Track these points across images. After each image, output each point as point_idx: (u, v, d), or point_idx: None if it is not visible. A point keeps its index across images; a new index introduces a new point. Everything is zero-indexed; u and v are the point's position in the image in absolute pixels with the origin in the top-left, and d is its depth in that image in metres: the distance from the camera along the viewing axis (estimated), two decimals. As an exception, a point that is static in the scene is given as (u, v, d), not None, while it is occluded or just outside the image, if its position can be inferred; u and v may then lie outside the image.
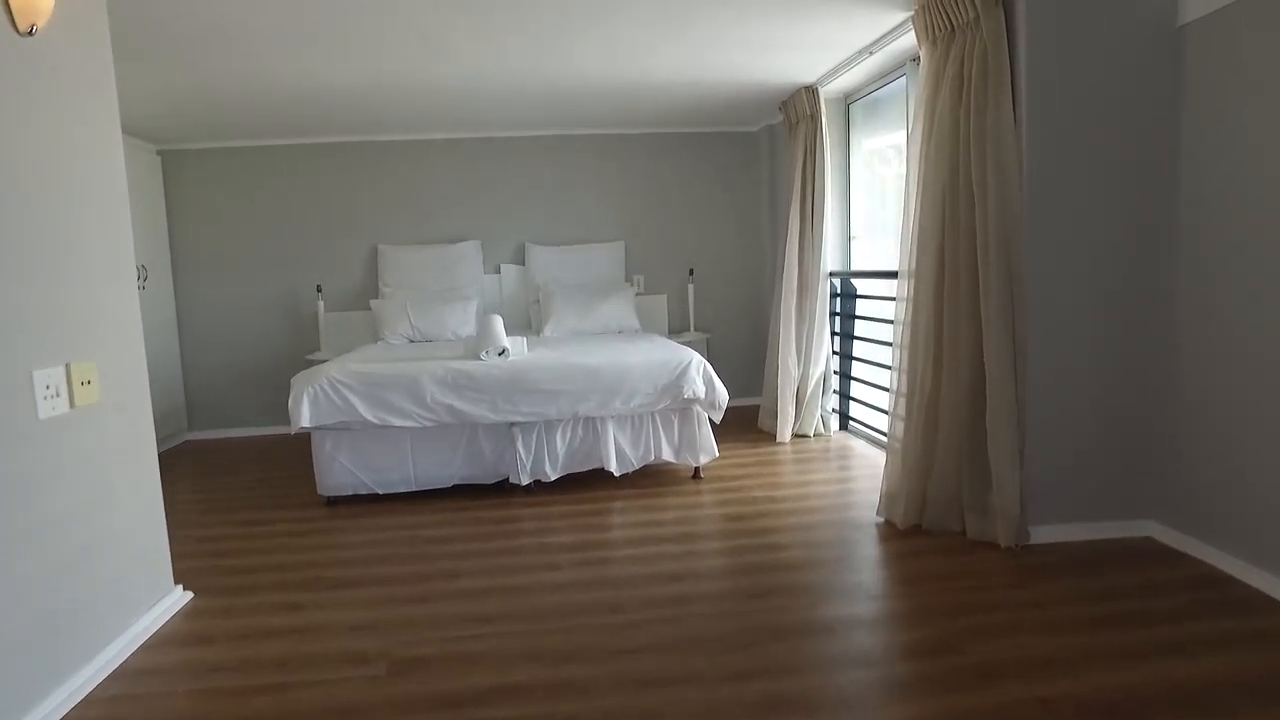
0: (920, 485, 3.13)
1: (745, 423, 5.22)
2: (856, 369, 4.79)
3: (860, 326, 4.73)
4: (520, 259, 5.80)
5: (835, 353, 4.87)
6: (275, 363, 5.64)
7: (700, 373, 3.85)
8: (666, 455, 3.97)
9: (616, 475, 3.91)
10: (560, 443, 3.88)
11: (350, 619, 2.55)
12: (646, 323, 5.72)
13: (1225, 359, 2.62)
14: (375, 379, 3.70)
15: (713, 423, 4.03)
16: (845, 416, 4.93)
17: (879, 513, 3.30)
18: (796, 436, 4.83)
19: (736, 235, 5.95)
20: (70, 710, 2.04)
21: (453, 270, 5.62)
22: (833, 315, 4.83)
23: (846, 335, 4.82)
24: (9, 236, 1.97)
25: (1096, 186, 2.83)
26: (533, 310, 5.60)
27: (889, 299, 4.18)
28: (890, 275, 4.09)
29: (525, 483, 3.84)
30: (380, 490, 3.84)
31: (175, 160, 5.47)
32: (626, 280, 5.81)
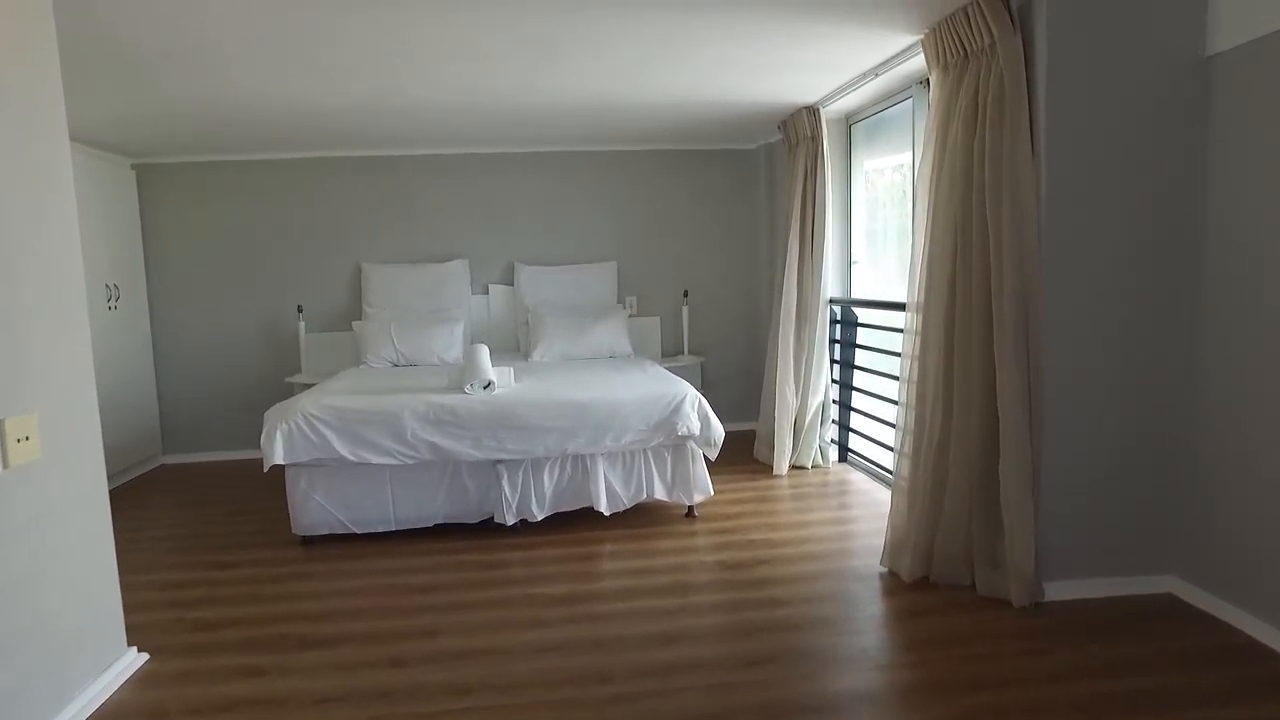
0: (927, 536, 2.96)
1: (741, 450, 5.05)
2: (856, 399, 4.62)
3: (861, 356, 4.56)
4: (509, 279, 5.62)
5: (835, 381, 4.70)
6: (254, 385, 5.43)
7: (695, 408, 3.67)
8: (659, 494, 3.79)
9: (607, 515, 3.73)
10: (548, 481, 3.69)
11: (318, 688, 2.36)
12: (640, 346, 5.54)
13: (1254, 407, 2.46)
14: (353, 415, 3.51)
15: (708, 459, 3.85)
16: (844, 448, 4.76)
17: (883, 562, 3.13)
18: (794, 468, 4.65)
19: (733, 256, 5.78)
20: (-1, 808, 1.85)
21: (439, 290, 5.43)
22: (832, 343, 4.66)
23: (846, 364, 4.65)
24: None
25: (1119, 226, 2.67)
26: (521, 332, 5.41)
27: (893, 330, 4.01)
28: (895, 307, 3.93)
29: (511, 523, 3.65)
30: (358, 530, 3.65)
31: (150, 174, 5.27)
32: (619, 302, 5.63)
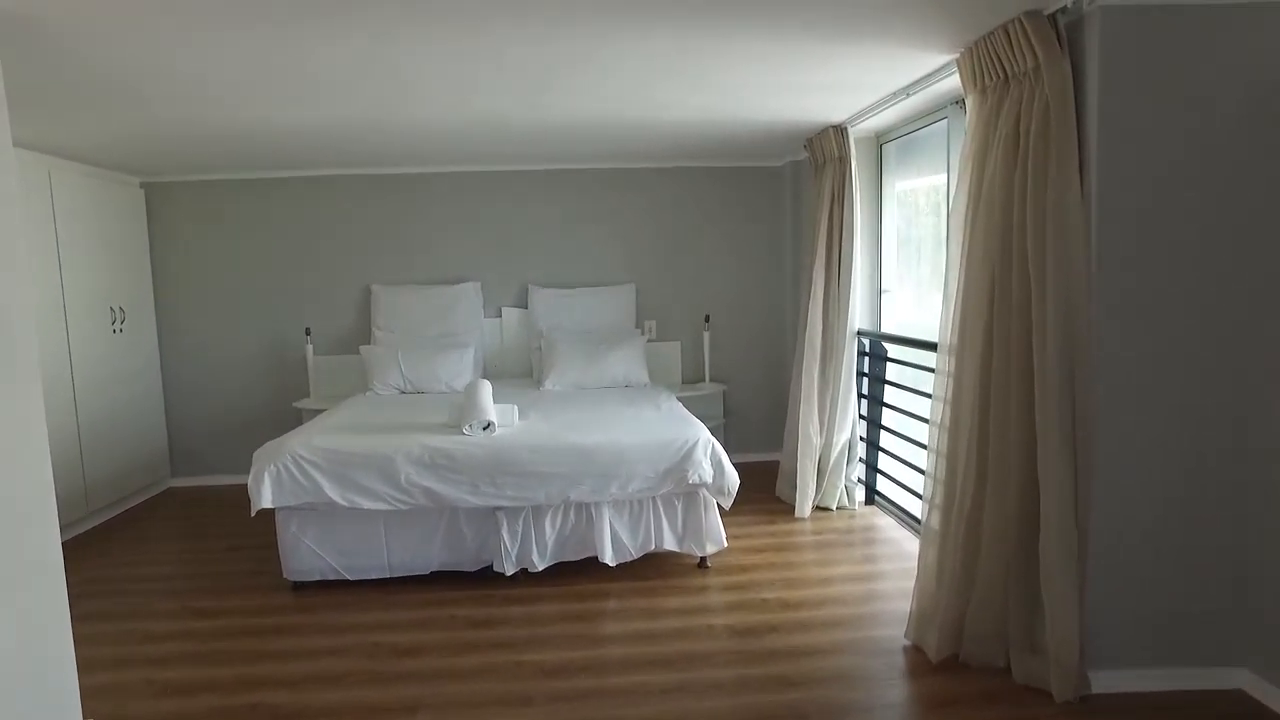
0: (957, 610, 2.66)
1: (763, 485, 4.76)
2: (885, 439, 4.31)
3: (891, 393, 4.26)
4: (524, 302, 5.41)
5: (862, 417, 4.40)
6: (261, 409, 5.29)
7: (708, 454, 3.42)
8: (669, 544, 3.54)
9: (612, 566, 3.49)
10: (550, 528, 3.47)
11: (278, 778, 2.16)
12: (659, 373, 5.29)
13: (1342, 491, 2.14)
14: (344, 458, 3.32)
15: (722, 508, 3.59)
16: (872, 490, 4.46)
17: (908, 635, 2.84)
18: (818, 509, 4.37)
19: (757, 278, 5.51)
20: None
21: (450, 313, 5.24)
22: (860, 375, 4.36)
23: (875, 400, 4.35)
24: None
25: (1182, 276, 2.36)
26: (535, 358, 5.20)
27: (926, 369, 3.71)
28: (928, 346, 3.63)
29: (510, 572, 3.44)
30: (351, 576, 3.46)
31: (159, 193, 5.16)
32: (637, 327, 5.39)
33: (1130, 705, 2.39)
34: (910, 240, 4.28)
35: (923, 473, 3.58)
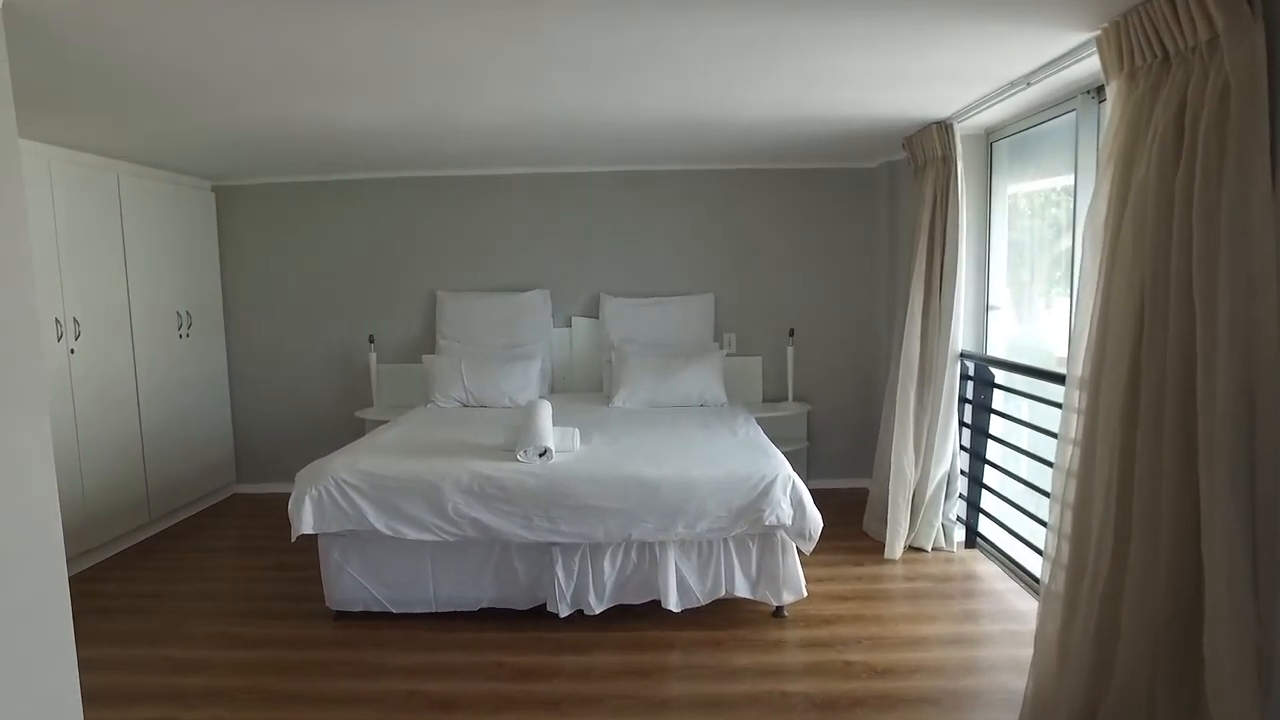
0: (1087, 702, 2.20)
1: (849, 516, 4.32)
2: (989, 475, 3.81)
3: (998, 424, 3.76)
4: (594, 311, 5.11)
5: (963, 448, 3.91)
6: (325, 417, 5.16)
7: (787, 493, 3.02)
8: (740, 590, 3.16)
9: (677, 612, 3.14)
10: (609, 568, 3.14)
11: None
12: (737, 389, 4.91)
13: None
14: (389, 483, 3.08)
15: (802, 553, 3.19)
16: (973, 530, 3.95)
17: (1024, 723, 2.39)
18: (911, 549, 3.90)
19: (847, 291, 5.05)
20: None
21: (516, 323, 4.99)
22: (963, 402, 3.88)
23: (978, 430, 3.85)
24: None
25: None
26: (605, 372, 4.90)
27: (1046, 402, 3.22)
28: (1048, 376, 3.14)
29: (564, 614, 3.13)
30: (395, 609, 3.22)
31: (229, 197, 5.10)
32: (715, 340, 5.02)
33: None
34: (1023, 251, 3.78)
35: (1038, 521, 3.14)
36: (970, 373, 3.87)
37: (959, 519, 3.96)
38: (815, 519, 3.04)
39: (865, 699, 2.59)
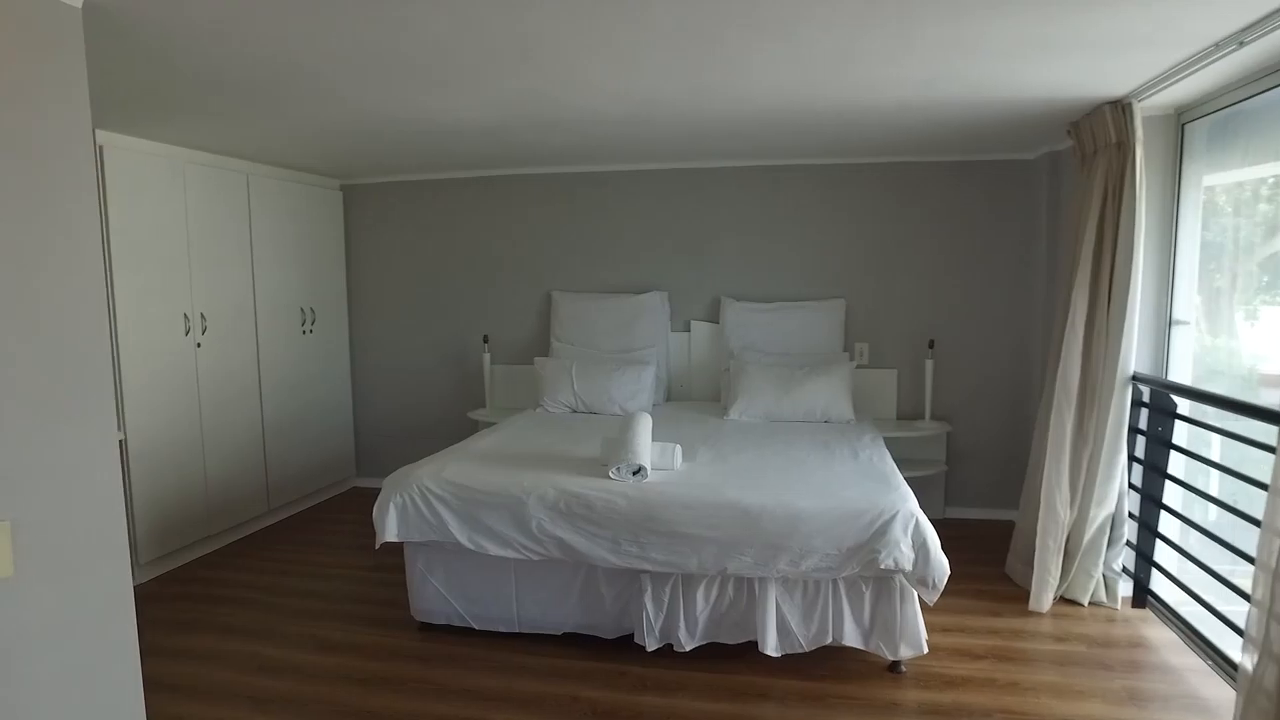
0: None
1: (989, 554, 3.80)
2: (1166, 522, 3.20)
3: (1179, 462, 3.15)
4: (715, 316, 4.81)
5: (1133, 488, 3.32)
6: (439, 417, 5.16)
7: (908, 532, 2.62)
8: (850, 639, 2.78)
9: (776, 657, 2.80)
10: (702, 601, 2.85)
11: None
12: (868, 405, 4.47)
13: None
14: (473, 495, 2.93)
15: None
16: (1143, 587, 3.34)
17: None
18: (1063, 602, 3.36)
19: (997, 299, 4.48)
20: None
21: (632, 326, 4.77)
22: (1133, 432, 3.28)
23: (1153, 469, 3.24)
24: None
25: None
26: (723, 381, 4.59)
27: (1252, 443, 2.62)
28: (1254, 412, 2.55)
29: (652, 648, 2.87)
30: (477, 626, 3.09)
31: (355, 195, 5.20)
32: (845, 350, 4.59)
33: None
34: (1220, 254, 3.15)
35: (1233, 589, 2.57)
36: (1145, 399, 3.27)
37: (1125, 571, 3.36)
38: (941, 565, 2.62)
39: (993, 792, 2.16)
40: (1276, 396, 2.70)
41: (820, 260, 4.66)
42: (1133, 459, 3.30)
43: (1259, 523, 2.10)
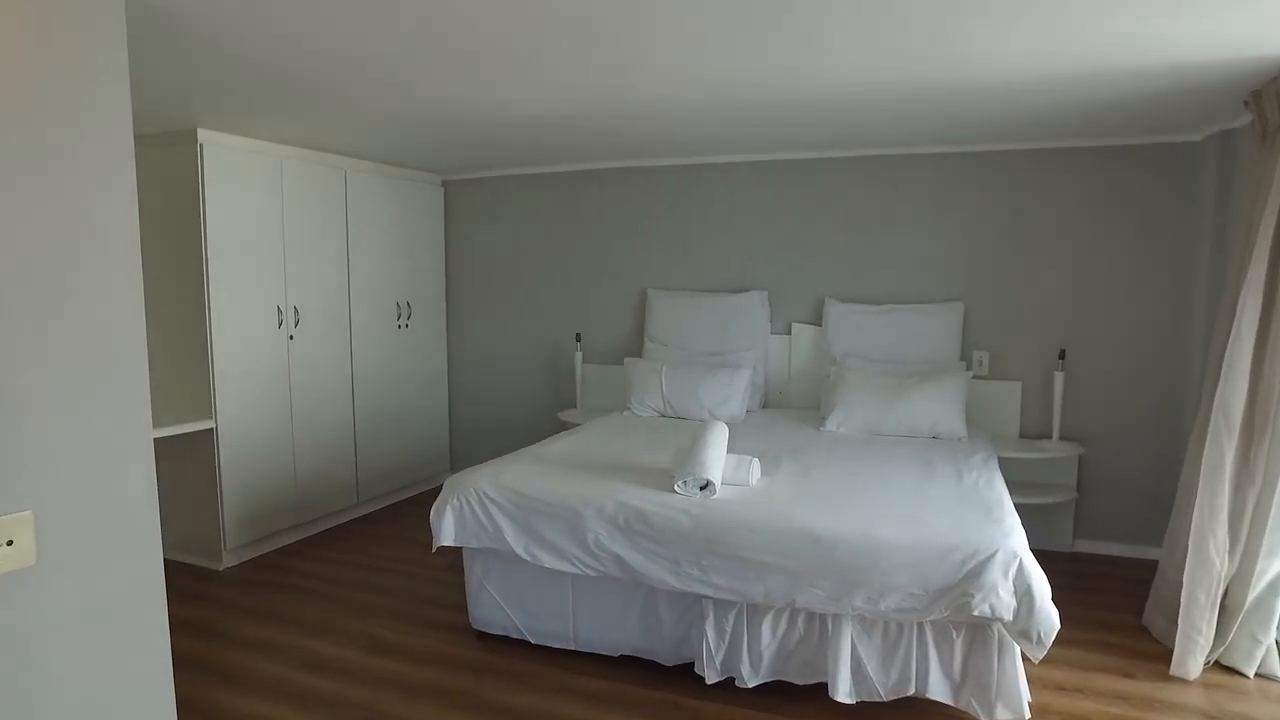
0: None
1: (1125, 600, 3.27)
2: (1360, 581, 2.61)
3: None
4: (819, 318, 4.46)
5: (1315, 535, 2.73)
6: (531, 416, 5.08)
7: (1009, 576, 2.23)
8: (936, 692, 2.41)
9: (850, 704, 2.47)
10: (768, 634, 2.57)
11: None
12: (986, 421, 4.00)
13: None
14: (530, 502, 2.78)
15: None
16: (1325, 657, 2.75)
17: None
18: (1217, 668, 2.81)
19: (1145, 305, 3.88)
20: None
21: (729, 327, 4.50)
22: (1316, 468, 2.70)
23: (1343, 513, 2.66)
24: None
25: None
26: (824, 388, 4.24)
27: None
28: None
29: (712, 680, 2.61)
30: (533, 639, 2.93)
31: (456, 190, 5.20)
32: (962, 359, 4.13)
33: None
34: None
35: None
36: (1332, 429, 2.68)
37: (1299, 636, 2.78)
38: (1049, 618, 2.21)
39: None
40: None
41: (936, 258, 4.21)
42: (1313, 501, 2.72)
43: None
